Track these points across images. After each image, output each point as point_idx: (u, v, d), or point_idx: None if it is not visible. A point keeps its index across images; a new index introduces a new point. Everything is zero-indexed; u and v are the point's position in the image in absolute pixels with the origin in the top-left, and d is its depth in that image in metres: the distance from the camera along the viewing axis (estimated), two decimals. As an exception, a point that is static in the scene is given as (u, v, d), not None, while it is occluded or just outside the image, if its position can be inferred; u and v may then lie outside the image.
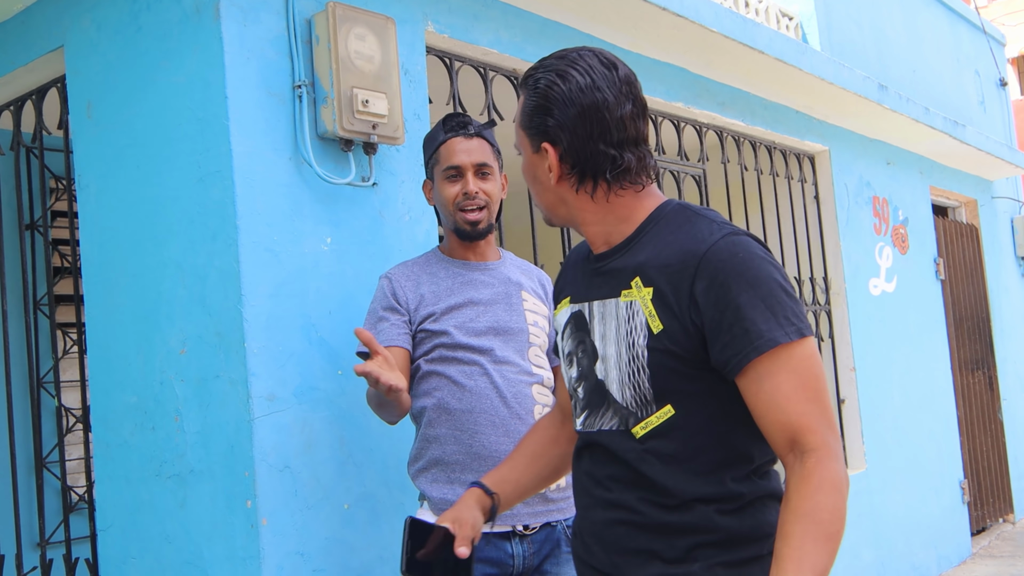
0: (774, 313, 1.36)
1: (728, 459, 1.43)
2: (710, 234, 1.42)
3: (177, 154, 2.49)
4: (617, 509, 1.48)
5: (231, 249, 2.35)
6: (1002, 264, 7.43)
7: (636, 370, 1.44)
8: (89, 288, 2.77)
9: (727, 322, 1.36)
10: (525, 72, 1.53)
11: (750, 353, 1.35)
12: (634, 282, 1.45)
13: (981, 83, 7.37)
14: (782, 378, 1.35)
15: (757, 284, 1.37)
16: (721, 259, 1.38)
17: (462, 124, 2.26)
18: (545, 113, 1.46)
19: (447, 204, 2.24)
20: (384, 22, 2.65)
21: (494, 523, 1.76)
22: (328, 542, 2.42)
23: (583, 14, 3.48)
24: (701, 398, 1.43)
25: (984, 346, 6.96)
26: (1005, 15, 12.96)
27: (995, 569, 5.81)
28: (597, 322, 1.51)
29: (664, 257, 1.43)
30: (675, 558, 1.43)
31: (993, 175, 7.25)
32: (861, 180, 5.49)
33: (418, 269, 2.28)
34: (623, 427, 1.47)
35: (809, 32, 5.17)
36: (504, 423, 2.13)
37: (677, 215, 1.48)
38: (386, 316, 2.21)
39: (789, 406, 1.35)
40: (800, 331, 1.37)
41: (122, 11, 2.64)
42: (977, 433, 6.67)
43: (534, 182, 1.55)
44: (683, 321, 1.39)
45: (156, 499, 2.54)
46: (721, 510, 1.42)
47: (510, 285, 2.27)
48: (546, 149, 1.48)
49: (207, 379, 2.41)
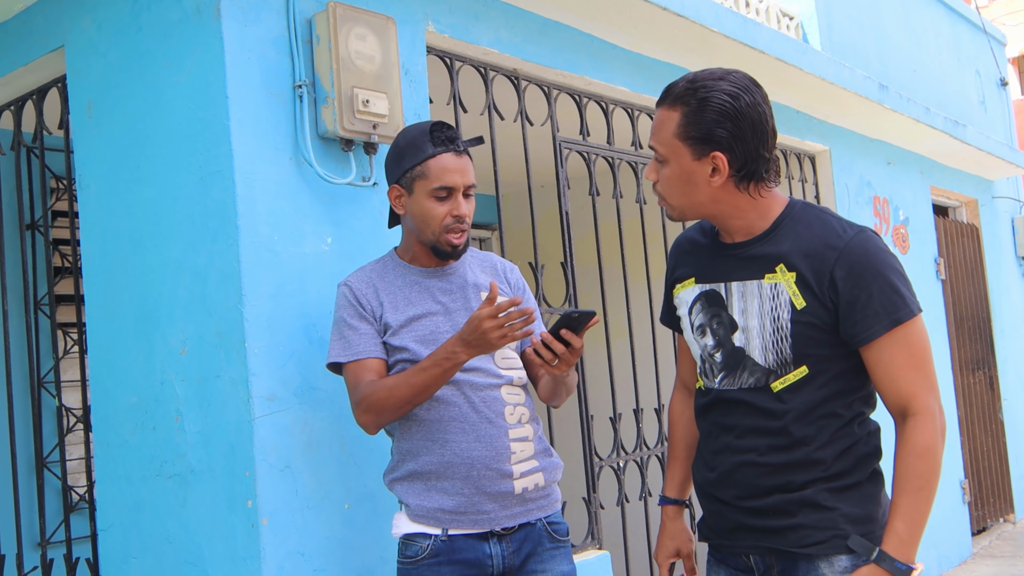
0: (897, 297, 1.73)
1: (839, 408, 1.78)
2: (844, 231, 1.77)
3: (178, 154, 2.49)
4: (747, 453, 1.81)
5: (232, 249, 2.35)
6: (1003, 264, 7.43)
7: (780, 339, 1.77)
8: (90, 288, 2.77)
9: (861, 303, 1.72)
10: (677, 90, 1.79)
11: (878, 330, 1.72)
12: (779, 267, 1.79)
13: (982, 83, 7.37)
14: (897, 351, 1.73)
15: (884, 274, 1.73)
16: (857, 252, 1.74)
17: (452, 139, 2.13)
18: (718, 126, 1.74)
19: (431, 222, 2.12)
20: (384, 22, 2.65)
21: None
22: (329, 542, 2.43)
23: (584, 14, 3.48)
24: (829, 361, 1.77)
25: (985, 346, 6.96)
26: (1006, 15, 12.96)
27: (996, 569, 5.81)
28: (737, 299, 1.84)
29: (806, 248, 1.77)
30: (792, 489, 1.77)
31: (994, 175, 7.25)
32: (862, 180, 5.49)
33: (375, 276, 2.20)
34: (763, 383, 1.80)
35: (809, 32, 5.17)
36: (475, 428, 2.09)
37: (807, 213, 1.83)
38: (356, 326, 2.13)
39: (901, 375, 1.73)
40: (912, 311, 1.73)
41: (123, 11, 2.65)
42: (978, 433, 6.67)
43: (685, 184, 1.80)
44: (823, 299, 1.74)
45: (157, 499, 2.54)
46: (831, 451, 1.76)
47: (467, 289, 2.19)
48: (716, 156, 1.75)
49: (208, 379, 2.41)
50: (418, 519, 2.10)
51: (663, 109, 1.82)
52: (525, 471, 2.14)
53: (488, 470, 2.09)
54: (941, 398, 1.77)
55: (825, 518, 1.75)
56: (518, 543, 2.13)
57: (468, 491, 2.08)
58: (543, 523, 2.17)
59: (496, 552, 2.10)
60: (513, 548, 2.12)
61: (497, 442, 2.10)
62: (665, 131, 1.79)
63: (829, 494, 1.76)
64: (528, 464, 2.15)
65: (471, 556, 2.08)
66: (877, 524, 1.77)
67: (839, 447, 1.78)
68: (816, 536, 1.75)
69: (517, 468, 2.12)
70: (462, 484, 2.08)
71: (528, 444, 2.16)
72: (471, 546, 2.08)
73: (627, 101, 3.90)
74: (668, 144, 1.79)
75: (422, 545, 2.08)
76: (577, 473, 3.47)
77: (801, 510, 1.76)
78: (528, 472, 2.14)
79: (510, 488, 2.11)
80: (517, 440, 2.13)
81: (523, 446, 2.14)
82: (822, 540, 1.75)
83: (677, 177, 1.80)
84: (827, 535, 1.74)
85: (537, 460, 2.17)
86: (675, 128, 1.78)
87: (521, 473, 2.13)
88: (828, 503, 1.75)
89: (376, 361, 2.12)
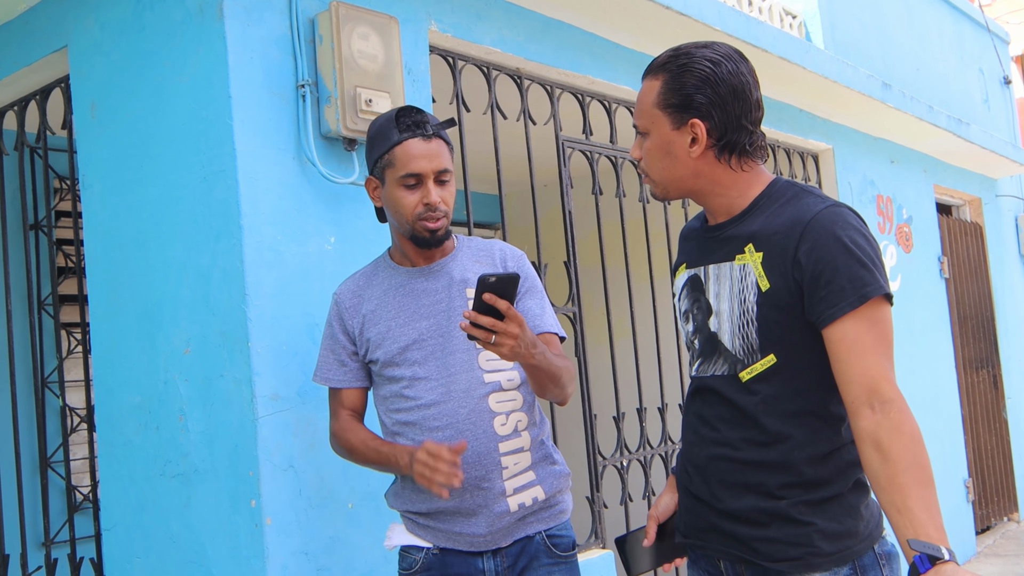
0: (866, 272, 1.60)
1: (816, 407, 1.67)
2: (815, 205, 1.66)
3: (181, 154, 2.49)
4: (721, 446, 1.73)
5: (235, 248, 2.35)
6: (1006, 262, 7.42)
7: (746, 323, 1.68)
8: (93, 288, 2.77)
9: (824, 279, 1.60)
10: (659, 60, 1.74)
11: (844, 307, 1.59)
12: (747, 248, 1.70)
13: (985, 81, 7.36)
14: (865, 329, 1.59)
15: (851, 248, 1.60)
16: (823, 225, 1.62)
17: (418, 123, 1.99)
18: (697, 91, 1.68)
19: (403, 213, 2.01)
20: (387, 21, 2.65)
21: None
22: (332, 541, 2.43)
23: (586, 13, 3.48)
24: (799, 351, 1.66)
25: (988, 344, 6.95)
26: (1009, 13, 12.93)
27: (1000, 568, 5.80)
28: (712, 282, 1.76)
29: (775, 226, 1.67)
30: (766, 493, 1.67)
31: (997, 173, 7.24)
32: (865, 179, 5.48)
33: (364, 282, 2.12)
34: (731, 372, 1.71)
35: (812, 30, 5.17)
36: (460, 437, 1.97)
37: (786, 190, 1.73)
38: (336, 349, 2.09)
39: (871, 356, 1.58)
40: (882, 288, 1.60)
41: (126, 11, 2.65)
42: (981, 432, 6.66)
43: (665, 156, 1.74)
44: (787, 280, 1.63)
45: (160, 499, 2.55)
46: (807, 453, 1.66)
47: (452, 288, 2.05)
48: (695, 124, 1.69)
49: (211, 379, 2.41)
50: (412, 531, 2.06)
51: (646, 80, 1.76)
52: (520, 486, 2.01)
53: (478, 490, 1.97)
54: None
55: (800, 533, 1.65)
56: (513, 557, 2.02)
57: (462, 514, 1.99)
58: (542, 536, 2.04)
59: (489, 568, 2.01)
60: (508, 563, 2.01)
61: (486, 459, 1.97)
62: (646, 101, 1.74)
63: (805, 507, 1.65)
64: (523, 478, 2.02)
65: (463, 571, 2.01)
66: (857, 538, 1.66)
67: (817, 450, 1.67)
68: (789, 552, 1.65)
69: (510, 484, 2.00)
70: (456, 504, 1.98)
71: (523, 455, 2.02)
72: (463, 561, 2.01)
73: (630, 100, 3.90)
74: (648, 114, 1.74)
75: (415, 558, 2.04)
76: (580, 472, 3.46)
77: (774, 522, 1.66)
78: (524, 487, 2.02)
79: (504, 507, 1.99)
80: (510, 453, 2.00)
81: (517, 459, 2.01)
82: (795, 557, 1.65)
83: (658, 148, 1.74)
84: (800, 552, 1.65)
85: (535, 472, 2.04)
86: (655, 97, 1.73)
87: (515, 489, 2.00)
88: (804, 517, 1.65)
89: (348, 393, 2.10)
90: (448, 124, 2.06)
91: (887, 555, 1.70)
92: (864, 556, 1.66)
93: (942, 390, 6.04)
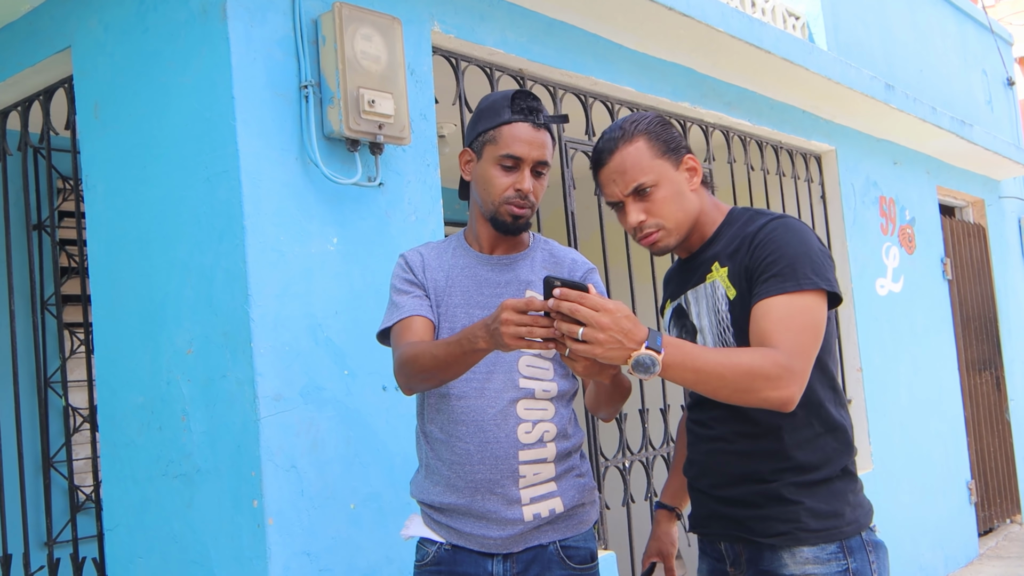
0: (808, 267, 1.73)
1: (802, 398, 1.74)
2: (766, 218, 1.85)
3: (184, 154, 2.50)
4: (716, 442, 1.89)
5: (238, 249, 2.35)
6: (1009, 264, 7.41)
7: (723, 331, 1.85)
8: (96, 288, 2.78)
9: (763, 269, 1.76)
10: (615, 135, 1.89)
11: (774, 290, 1.73)
12: (714, 266, 1.88)
13: (988, 82, 7.35)
14: (781, 304, 1.71)
15: (795, 248, 1.76)
16: (768, 230, 1.80)
17: (532, 109, 1.97)
18: (674, 134, 1.91)
19: (492, 191, 1.97)
20: (390, 22, 2.65)
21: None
22: (334, 542, 2.43)
23: (589, 14, 3.48)
24: None
25: (991, 346, 6.94)
26: (1012, 14, 12.91)
27: (1002, 570, 5.79)
28: (693, 305, 1.94)
29: (734, 244, 1.86)
30: (760, 479, 1.83)
31: (1000, 175, 7.23)
32: (868, 180, 5.48)
33: (433, 254, 2.07)
34: None
35: (816, 32, 5.16)
36: (481, 449, 1.94)
37: (742, 214, 1.93)
38: (406, 290, 2.01)
39: (771, 322, 1.70)
40: (816, 284, 1.73)
41: (129, 12, 2.65)
42: (984, 434, 6.65)
43: (679, 197, 1.89)
44: (748, 282, 1.79)
45: (163, 499, 2.55)
46: (794, 440, 1.81)
47: (517, 285, 2.02)
48: (690, 158, 1.91)
49: (214, 379, 2.41)
50: (427, 525, 2.04)
51: (622, 150, 1.87)
52: (538, 496, 1.96)
53: (491, 494, 1.94)
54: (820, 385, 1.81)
55: (789, 511, 1.80)
56: (524, 564, 1.97)
57: (473, 515, 1.97)
58: (556, 546, 1.98)
59: (498, 571, 1.97)
60: (518, 569, 1.97)
61: (503, 464, 1.93)
62: (643, 160, 1.87)
63: (795, 488, 1.81)
64: (542, 488, 1.97)
65: (472, 571, 1.98)
66: (843, 520, 1.80)
67: (804, 435, 1.82)
68: (779, 527, 1.81)
69: (526, 493, 1.95)
70: (468, 503, 1.96)
71: (546, 467, 1.97)
72: (473, 561, 1.98)
73: (632, 101, 3.90)
74: (653, 168, 1.87)
75: (428, 551, 2.03)
76: (583, 473, 3.47)
77: (768, 503, 1.82)
78: (542, 497, 1.97)
79: (518, 515, 1.94)
80: (530, 462, 1.95)
81: (538, 469, 1.96)
82: (784, 532, 1.80)
83: (672, 193, 1.88)
84: (789, 527, 1.80)
85: (557, 483, 1.98)
86: (648, 152, 1.87)
87: (532, 499, 1.96)
88: (793, 497, 1.80)
89: (420, 319, 1.97)
90: (561, 119, 2.05)
91: (874, 544, 1.84)
92: (851, 539, 1.80)
93: (945, 392, 6.03)
